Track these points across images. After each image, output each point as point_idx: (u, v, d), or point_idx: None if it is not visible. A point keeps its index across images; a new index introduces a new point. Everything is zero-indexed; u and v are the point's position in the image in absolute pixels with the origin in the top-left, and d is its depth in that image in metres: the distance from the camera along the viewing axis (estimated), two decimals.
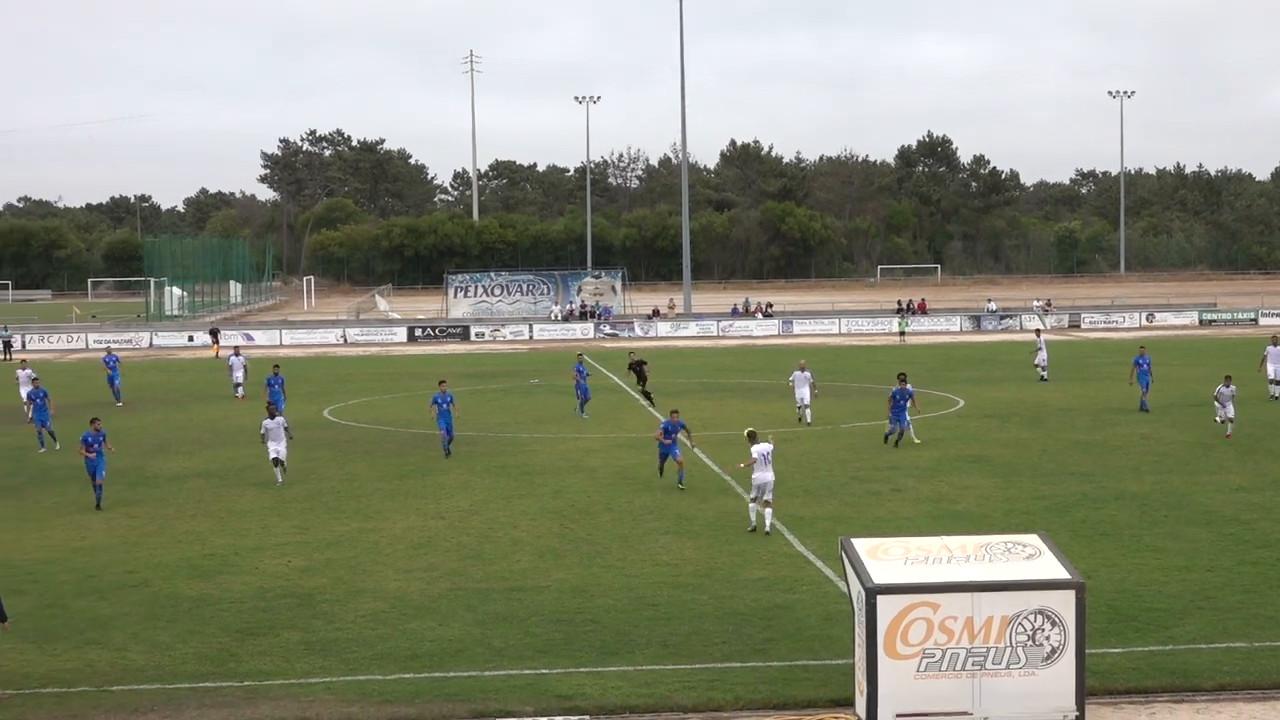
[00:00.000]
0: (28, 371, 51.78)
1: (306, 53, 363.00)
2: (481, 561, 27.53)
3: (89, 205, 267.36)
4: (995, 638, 17.73)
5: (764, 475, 29.48)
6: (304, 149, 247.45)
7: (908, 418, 41.80)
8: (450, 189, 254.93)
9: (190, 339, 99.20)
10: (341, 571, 26.94)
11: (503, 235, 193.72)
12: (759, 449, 29.71)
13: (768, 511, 29.52)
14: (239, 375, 59.12)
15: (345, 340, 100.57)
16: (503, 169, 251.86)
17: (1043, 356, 62.05)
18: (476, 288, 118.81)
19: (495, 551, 28.56)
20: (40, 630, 22.96)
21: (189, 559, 28.25)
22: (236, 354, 60.91)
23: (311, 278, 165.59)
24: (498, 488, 36.07)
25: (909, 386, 42.35)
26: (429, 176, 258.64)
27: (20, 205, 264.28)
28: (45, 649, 21.90)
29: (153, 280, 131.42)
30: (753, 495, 29.89)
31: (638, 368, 55.31)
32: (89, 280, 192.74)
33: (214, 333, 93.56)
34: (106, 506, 33.96)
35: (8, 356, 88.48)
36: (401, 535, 30.29)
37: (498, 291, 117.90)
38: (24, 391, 50.50)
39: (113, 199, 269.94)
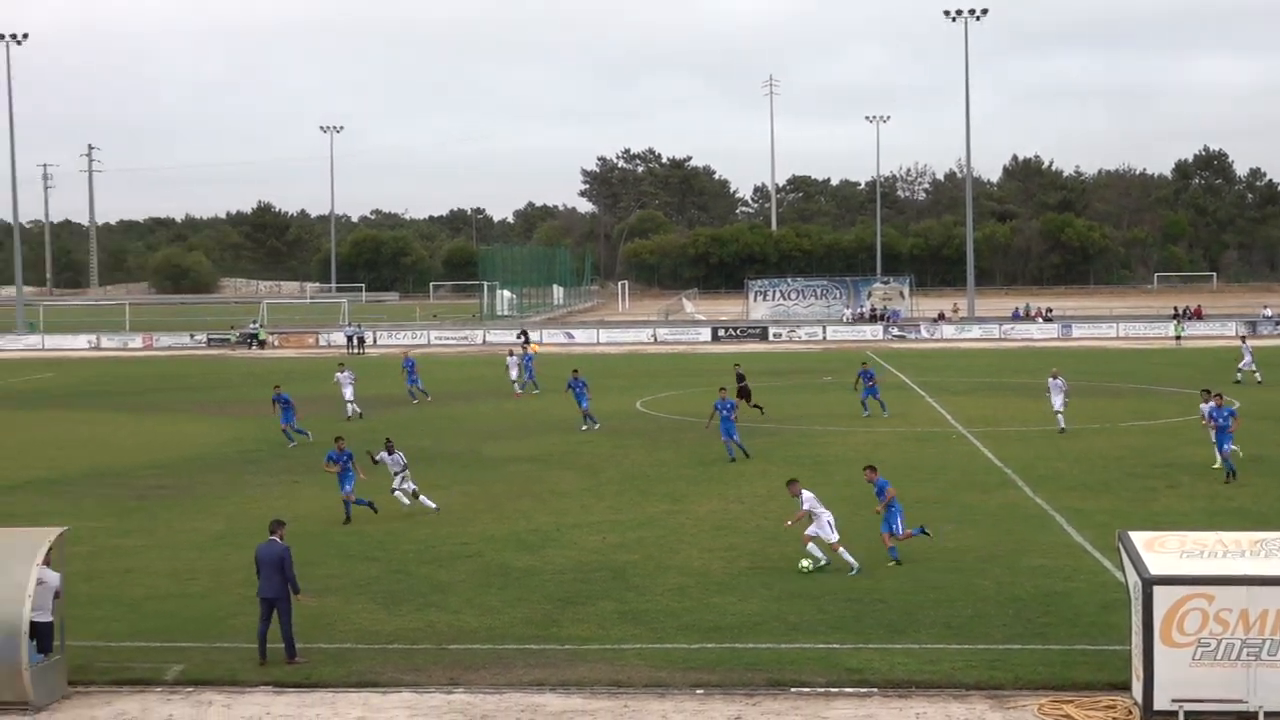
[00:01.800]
0: (348, 374, 51.83)
1: (627, 79, 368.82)
2: (778, 543, 27.50)
3: (431, 217, 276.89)
4: (1271, 629, 16.92)
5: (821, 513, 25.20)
6: (619, 166, 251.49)
7: (1230, 443, 34.53)
8: (750, 202, 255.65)
9: (518, 336, 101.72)
10: (651, 549, 27.26)
11: (798, 244, 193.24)
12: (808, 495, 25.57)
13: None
14: (515, 373, 59.32)
15: (655, 339, 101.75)
16: (799, 183, 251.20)
17: (1246, 361, 59.50)
18: (774, 292, 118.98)
19: (791, 534, 28.42)
20: (388, 593, 23.86)
21: (516, 533, 28.97)
22: (511, 354, 61.55)
23: (625, 282, 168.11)
24: (793, 476, 35.96)
25: (1230, 404, 36.95)
26: (731, 190, 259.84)
27: (373, 217, 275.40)
28: (392, 610, 22.73)
29: (485, 284, 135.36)
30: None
31: (740, 381, 48.97)
32: (430, 284, 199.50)
33: (523, 334, 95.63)
34: (446, 484, 35.03)
35: (361, 350, 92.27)
36: (705, 517, 30.50)
37: (794, 295, 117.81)
38: (348, 392, 50.42)
39: (451, 211, 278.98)
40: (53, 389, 66.89)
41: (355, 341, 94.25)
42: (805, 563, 25.05)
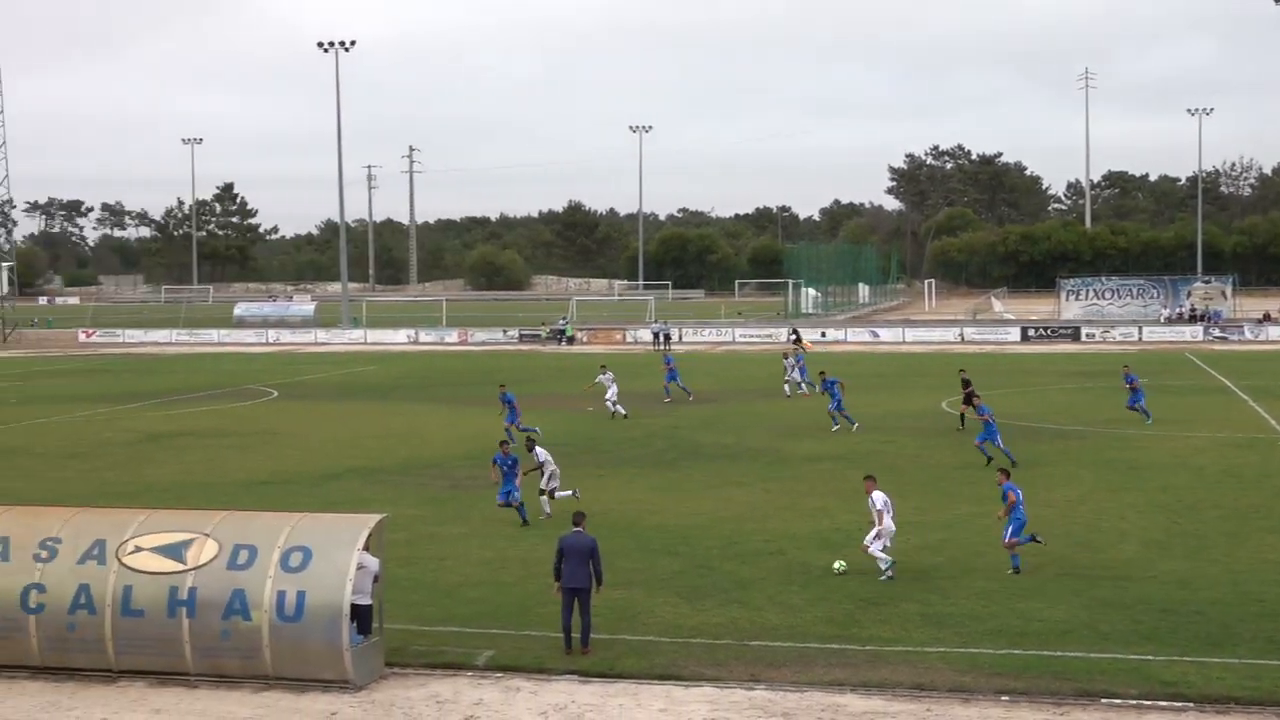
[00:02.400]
0: (609, 374, 51.64)
1: (936, 75, 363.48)
2: (1089, 549, 26.65)
3: (737, 215, 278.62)
4: None
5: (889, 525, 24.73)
6: (928, 163, 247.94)
7: None
8: (1063, 198, 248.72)
9: (822, 334, 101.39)
10: (956, 551, 26.77)
11: (1114, 242, 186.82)
12: (883, 497, 24.85)
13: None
14: (794, 374, 58.67)
15: (962, 339, 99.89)
16: (1115, 179, 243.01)
17: None
18: (1088, 291, 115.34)
19: (1102, 540, 27.60)
20: (691, 588, 24.08)
21: (819, 532, 28.85)
22: (787, 356, 61.07)
23: (932, 281, 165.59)
24: (1104, 481, 34.83)
25: None
26: (1043, 187, 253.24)
27: (680, 215, 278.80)
28: (695, 604, 22.92)
29: (790, 281, 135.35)
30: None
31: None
32: (735, 281, 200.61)
33: (794, 333, 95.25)
34: (748, 481, 35.15)
35: (667, 347, 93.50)
36: None
37: (1108, 295, 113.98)
38: (611, 393, 50.51)
39: (757, 209, 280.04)
40: (374, 382, 69.90)
41: (662, 338, 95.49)
42: (839, 564, 24.89)
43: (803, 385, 58.41)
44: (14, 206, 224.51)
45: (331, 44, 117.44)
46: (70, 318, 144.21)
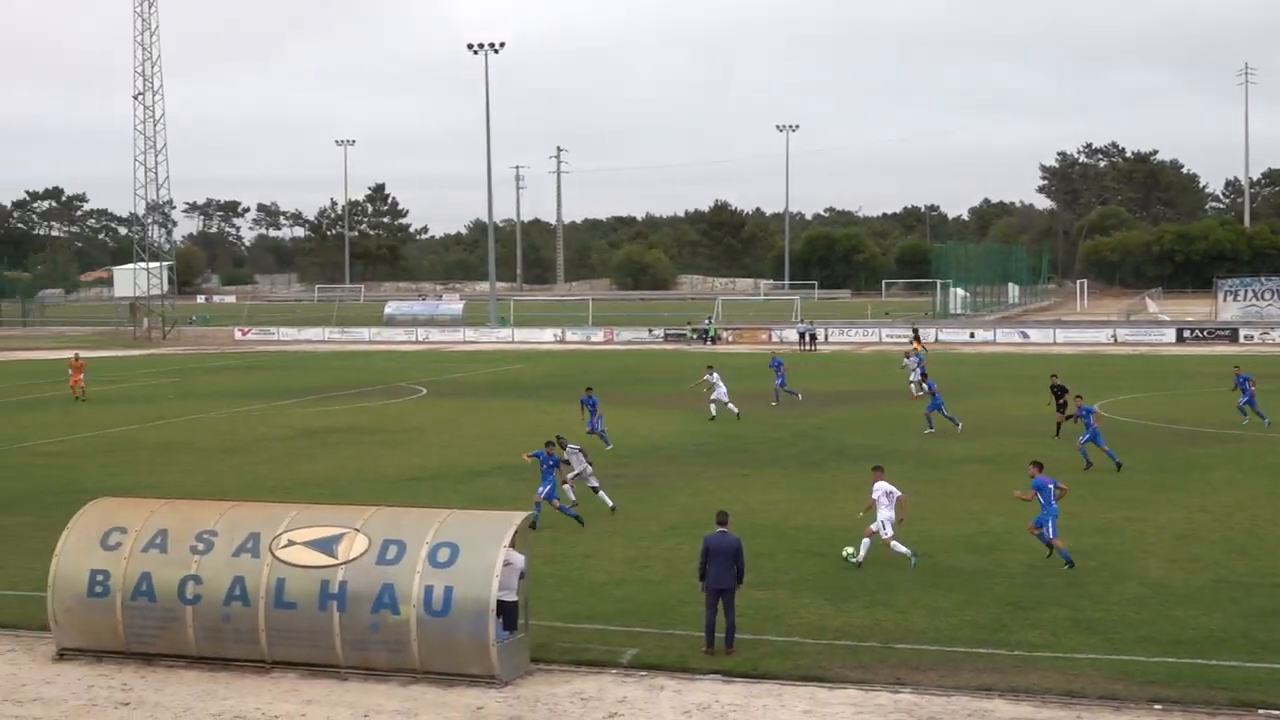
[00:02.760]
0: (715, 375, 50.92)
1: (1090, 71, 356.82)
2: (1246, 557, 25.95)
3: (884, 214, 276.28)
4: None
5: (890, 513, 25.64)
6: (1080, 160, 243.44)
7: None
8: (1221, 197, 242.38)
9: (971, 335, 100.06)
10: (1108, 556, 26.24)
11: (1274, 241, 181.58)
12: (883, 487, 25.81)
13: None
14: (916, 375, 57.84)
15: (1115, 340, 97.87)
16: (1275, 177, 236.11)
17: None
18: (1247, 292, 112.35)
19: (1261, 548, 26.85)
20: (835, 589, 23.92)
21: (967, 535, 28.48)
22: (908, 357, 60.34)
23: (1084, 281, 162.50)
24: (1265, 486, 33.88)
25: None
26: (1200, 185, 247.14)
27: (826, 215, 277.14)
28: (839, 606, 22.77)
29: (939, 281, 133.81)
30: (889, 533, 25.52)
31: (1060, 395, 44.07)
32: (883, 281, 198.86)
33: (915, 331, 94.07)
34: (894, 483, 34.85)
35: (813, 348, 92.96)
36: (1166, 526, 29.12)
37: (1268, 296, 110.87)
38: (719, 393, 50.04)
39: (905, 208, 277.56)
40: (521, 380, 70.57)
41: (807, 339, 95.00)
42: (849, 549, 25.92)
43: (916, 386, 57.85)
44: (173, 207, 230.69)
45: (481, 45, 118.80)
46: (227, 316, 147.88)
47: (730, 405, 50.33)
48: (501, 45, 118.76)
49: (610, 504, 30.95)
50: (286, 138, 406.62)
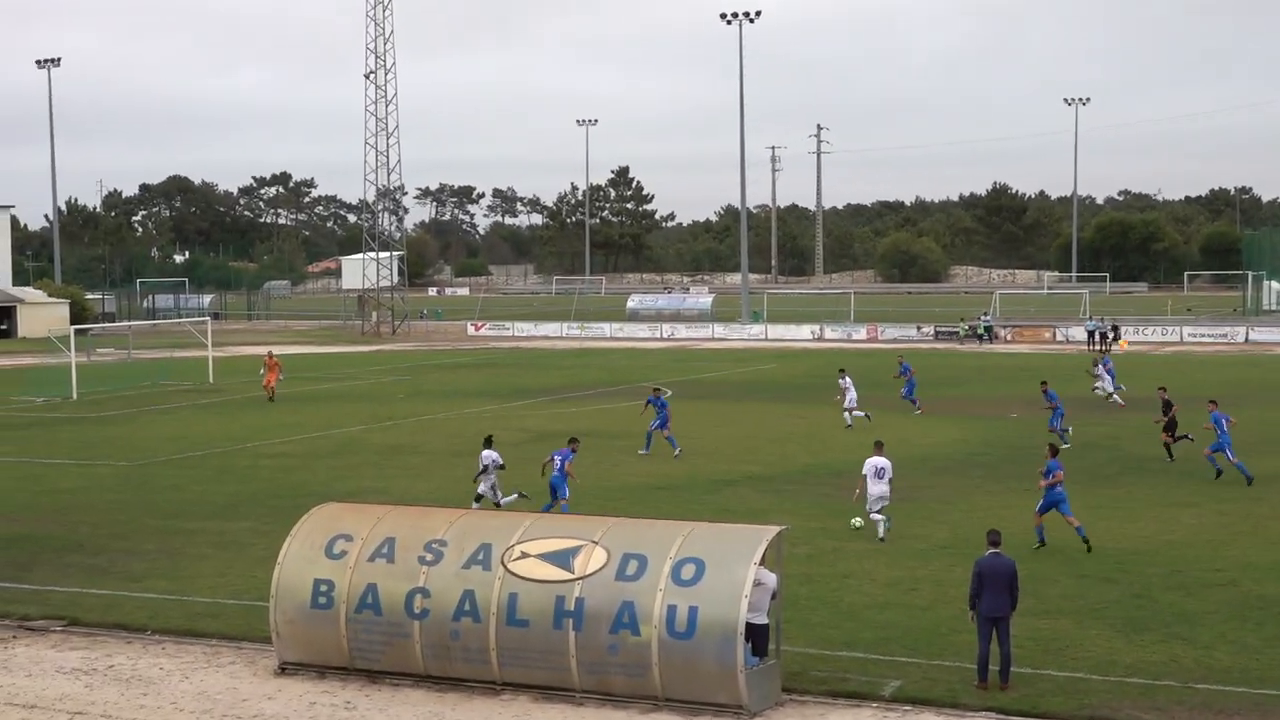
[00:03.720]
0: (847, 379, 51.65)
1: None
2: None
3: (1187, 198, 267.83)
4: None
5: (880, 489, 30.16)
6: None
7: None
8: None
9: None
10: None
11: None
12: (873, 464, 30.42)
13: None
14: (1106, 383, 57.20)
15: None
16: None
17: None
18: None
19: None
20: (1127, 620, 23.26)
21: None
22: (1095, 365, 59.43)
23: None
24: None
25: None
26: None
27: (1120, 199, 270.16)
28: (1132, 639, 22.13)
29: (1250, 274, 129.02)
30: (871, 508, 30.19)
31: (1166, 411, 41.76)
32: (1185, 273, 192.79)
33: (1114, 329, 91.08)
34: (1198, 501, 33.68)
35: (1104, 347, 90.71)
36: None
37: None
38: (850, 398, 50.83)
39: (1211, 191, 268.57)
40: (774, 381, 70.55)
41: (1099, 338, 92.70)
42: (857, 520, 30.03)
43: (1110, 392, 56.85)
44: (405, 193, 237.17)
45: (735, 15, 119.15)
46: (459, 309, 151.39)
47: (858, 412, 50.31)
48: (757, 14, 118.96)
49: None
50: (524, 119, 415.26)
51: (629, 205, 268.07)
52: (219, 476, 40.45)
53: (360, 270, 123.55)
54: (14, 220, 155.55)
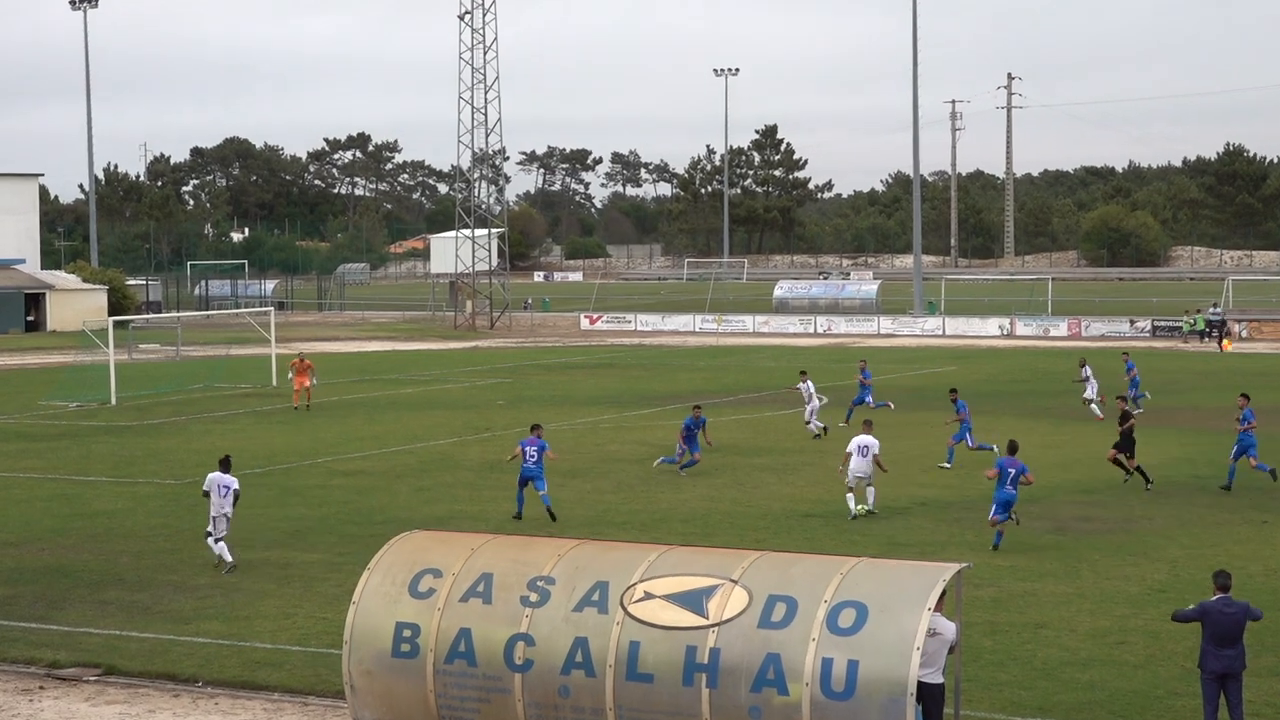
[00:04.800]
0: (808, 385, 53.34)
1: None
2: None
3: None
4: None
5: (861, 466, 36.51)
6: None
7: None
8: None
9: None
10: None
11: None
12: (858, 441, 36.53)
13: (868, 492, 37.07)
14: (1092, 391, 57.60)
15: None
16: None
17: None
18: None
19: None
20: None
21: None
22: (1084, 365, 59.84)
23: None
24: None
25: None
26: None
27: None
28: None
29: None
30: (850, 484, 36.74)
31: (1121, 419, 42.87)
32: None
33: (1220, 321, 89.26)
34: None
35: (1219, 338, 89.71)
36: None
37: None
38: (812, 405, 52.64)
39: None
40: (953, 386, 69.98)
41: (1212, 329, 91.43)
42: (860, 507, 36.46)
43: (1092, 399, 57.38)
44: (506, 158, 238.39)
45: None
46: (570, 298, 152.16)
47: (817, 423, 52.06)
48: None
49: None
50: (650, 70, 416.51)
51: (776, 173, 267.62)
52: (283, 498, 40.99)
53: (452, 251, 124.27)
54: (43, 191, 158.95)
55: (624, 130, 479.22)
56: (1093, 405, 55.48)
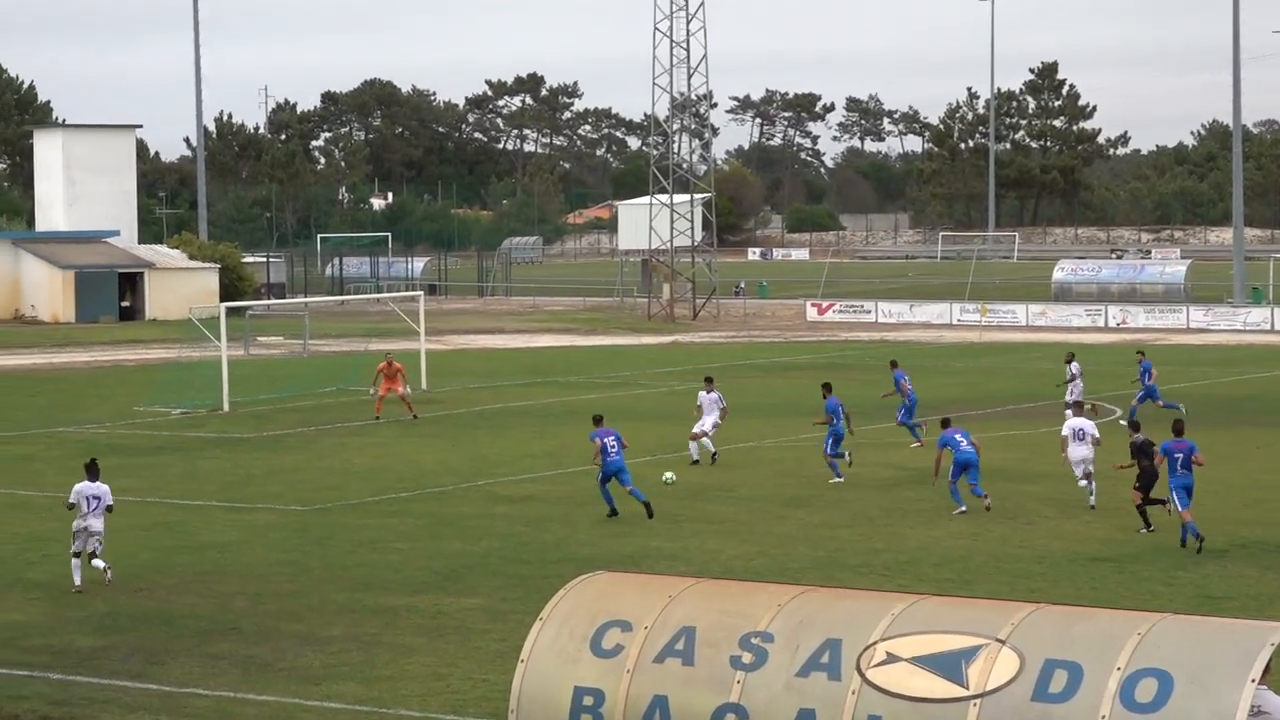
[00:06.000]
0: (710, 395, 53.87)
1: None
2: None
3: None
4: None
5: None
6: None
7: None
8: None
9: None
10: None
11: None
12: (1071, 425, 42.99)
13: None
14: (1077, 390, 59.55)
15: None
16: None
17: None
18: None
19: None
20: None
21: None
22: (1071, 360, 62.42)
23: None
24: None
25: None
26: None
27: None
28: None
29: None
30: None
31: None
32: None
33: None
34: None
35: None
36: None
37: None
38: (707, 420, 53.00)
39: None
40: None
41: None
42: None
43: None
44: (713, 105, 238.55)
45: None
46: (794, 280, 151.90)
47: (706, 442, 52.27)
48: None
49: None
50: None
51: (1056, 123, 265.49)
52: (434, 529, 41.38)
53: (645, 222, 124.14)
54: (141, 147, 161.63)
55: (861, 70, 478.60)
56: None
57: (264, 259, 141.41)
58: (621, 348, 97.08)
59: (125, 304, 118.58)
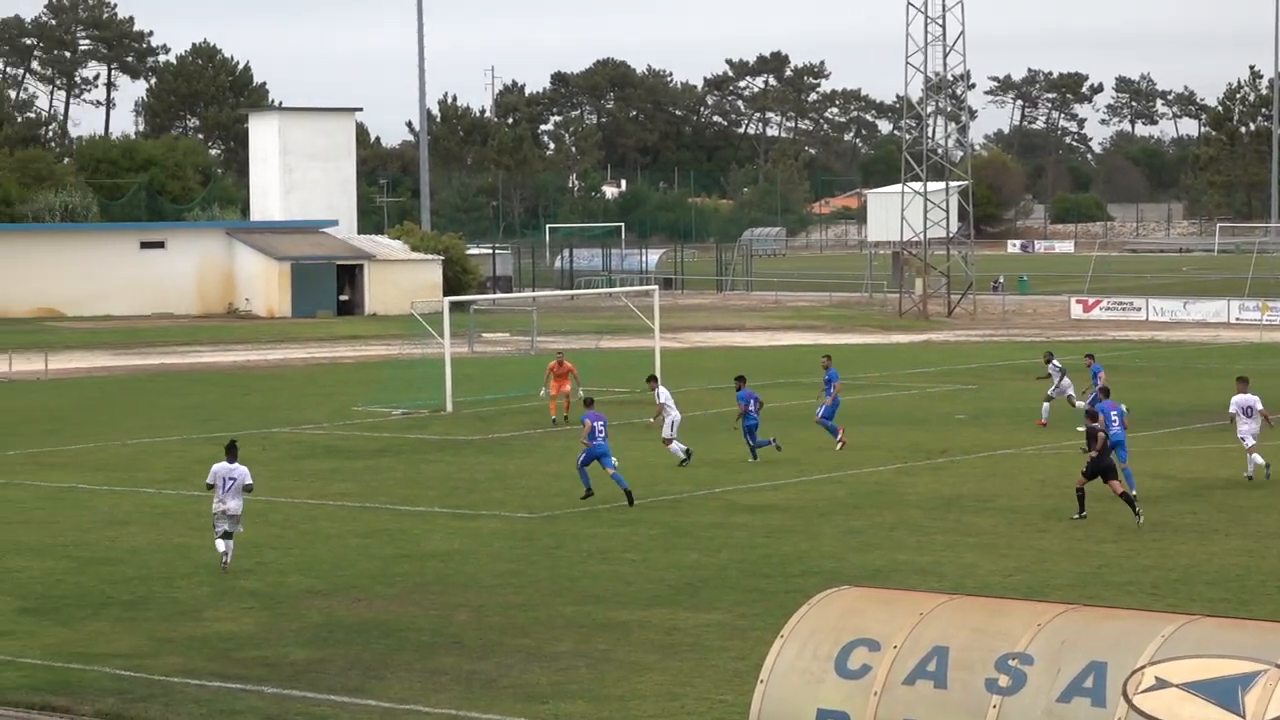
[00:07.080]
0: (661, 393, 55.34)
1: None
2: None
3: None
4: None
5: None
6: None
7: None
8: None
9: None
10: None
11: None
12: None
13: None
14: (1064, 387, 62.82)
15: None
16: None
17: None
18: None
19: None
20: None
21: None
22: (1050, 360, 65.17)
23: None
24: None
25: None
26: None
27: None
28: None
29: None
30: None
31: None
32: None
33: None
34: None
35: None
36: None
37: None
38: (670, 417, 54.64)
39: None
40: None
41: None
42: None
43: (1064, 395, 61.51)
44: (971, 86, 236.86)
45: None
46: (1057, 275, 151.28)
47: (677, 445, 52.97)
48: None
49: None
50: None
51: None
52: (669, 540, 41.51)
53: (897, 211, 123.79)
54: (361, 131, 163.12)
55: (1132, 48, 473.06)
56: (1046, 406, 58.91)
57: (489, 250, 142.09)
58: (870, 346, 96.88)
59: (343, 298, 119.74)
